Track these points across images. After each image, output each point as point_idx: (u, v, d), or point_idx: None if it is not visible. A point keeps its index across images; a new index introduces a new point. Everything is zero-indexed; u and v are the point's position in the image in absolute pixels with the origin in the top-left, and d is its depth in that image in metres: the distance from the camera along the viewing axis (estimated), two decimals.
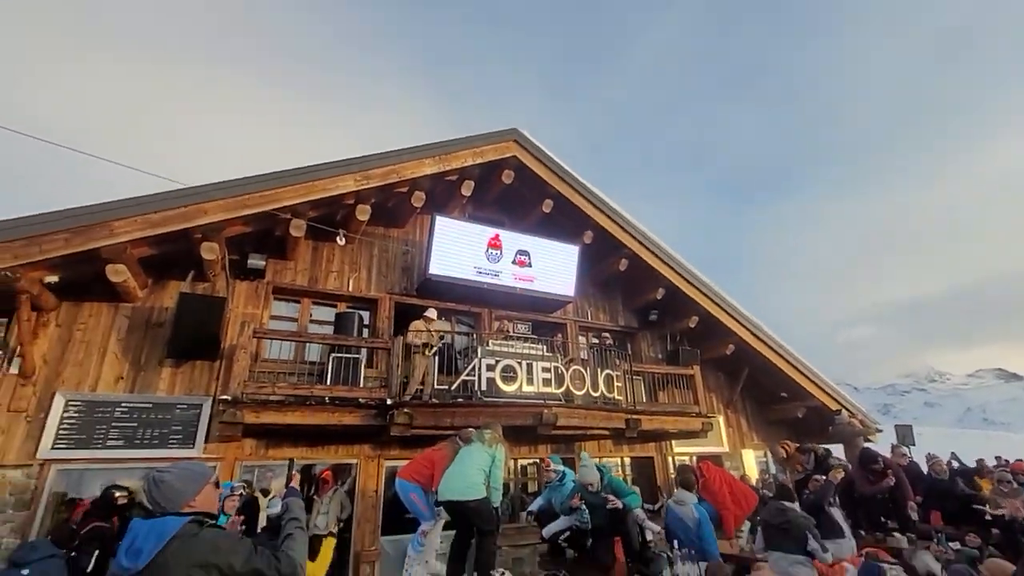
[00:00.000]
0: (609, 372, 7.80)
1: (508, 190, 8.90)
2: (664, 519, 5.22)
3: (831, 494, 5.55)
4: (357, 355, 6.84)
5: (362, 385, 6.63)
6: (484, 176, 8.57)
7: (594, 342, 9.78)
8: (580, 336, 9.80)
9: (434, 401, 6.65)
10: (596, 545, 5.02)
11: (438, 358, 7.20)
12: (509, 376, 6.78)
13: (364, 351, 7.08)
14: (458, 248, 7.97)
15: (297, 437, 6.42)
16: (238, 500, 5.08)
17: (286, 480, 2.50)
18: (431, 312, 7.37)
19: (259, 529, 4.98)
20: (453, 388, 6.81)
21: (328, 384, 6.39)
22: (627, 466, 9.28)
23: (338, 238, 7.34)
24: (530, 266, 8.59)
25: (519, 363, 6.93)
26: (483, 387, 6.63)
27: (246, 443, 6.24)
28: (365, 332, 7.71)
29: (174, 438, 5.96)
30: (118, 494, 4.53)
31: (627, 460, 9.29)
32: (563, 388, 7.12)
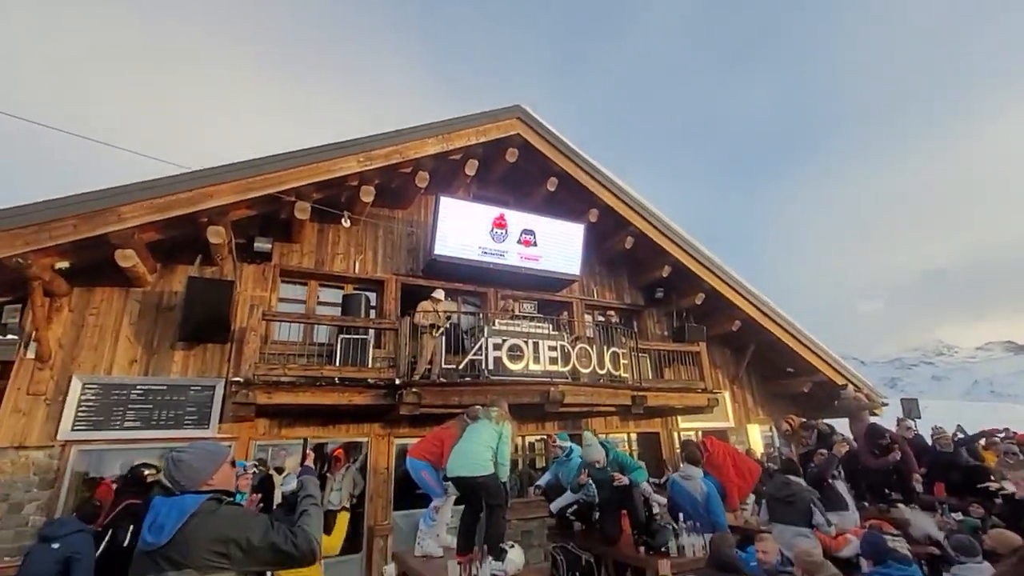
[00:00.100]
0: (615, 350, 7.86)
1: (512, 169, 8.82)
2: (669, 493, 5.31)
3: (834, 467, 5.61)
4: (365, 336, 6.92)
5: (371, 365, 6.73)
6: (488, 155, 8.48)
7: (600, 320, 9.81)
8: (586, 314, 9.82)
9: (442, 380, 6.73)
10: (603, 518, 5.14)
11: (445, 338, 7.26)
12: (516, 355, 6.85)
13: (372, 332, 7.16)
14: (463, 228, 7.96)
15: (309, 417, 6.55)
16: (251, 478, 5.22)
17: (301, 459, 2.56)
18: (439, 293, 7.40)
19: (275, 506, 5.13)
20: (460, 368, 6.89)
21: (337, 365, 6.49)
22: (633, 441, 9.39)
23: (343, 220, 7.34)
24: (535, 245, 8.57)
25: (525, 342, 6.99)
26: (490, 366, 6.71)
27: (259, 423, 6.37)
28: (372, 313, 7.78)
29: (189, 419, 6.10)
30: (147, 472, 4.66)
31: (633, 436, 9.40)
32: (569, 366, 7.19)
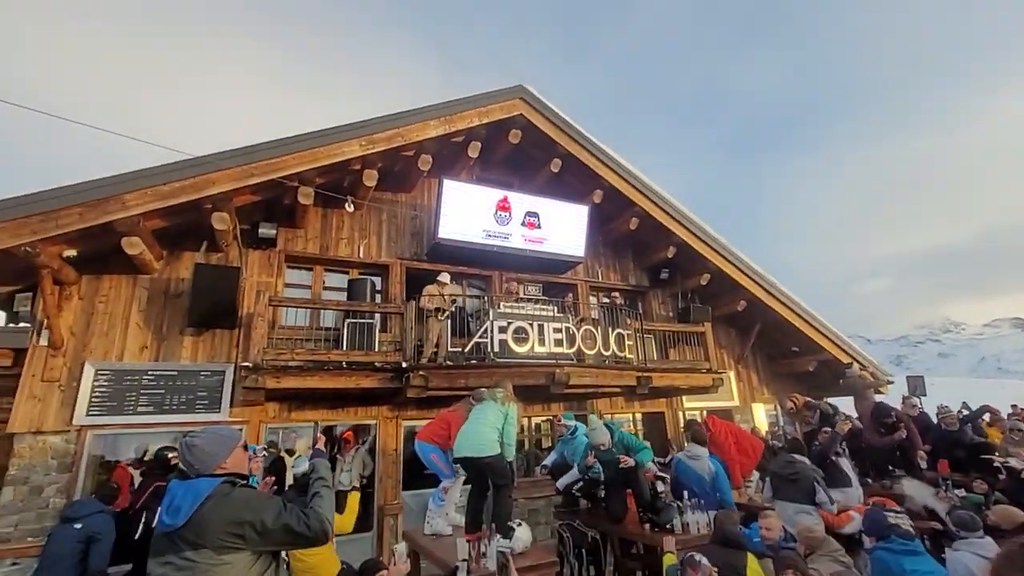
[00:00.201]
0: (620, 331, 7.87)
1: (516, 150, 8.73)
2: (673, 472, 5.37)
3: (836, 445, 5.65)
4: (371, 320, 6.96)
5: (377, 349, 6.78)
6: (491, 137, 8.39)
7: (605, 301, 9.81)
8: (591, 296, 9.83)
9: (448, 364, 6.79)
10: (609, 496, 5.22)
11: (451, 321, 7.29)
12: (521, 337, 6.88)
13: (378, 316, 7.20)
14: (467, 211, 7.92)
15: (317, 400, 6.65)
16: (261, 461, 5.35)
17: (312, 442, 2.61)
18: (444, 276, 7.41)
19: (286, 487, 5.25)
20: (466, 350, 6.94)
21: (344, 349, 6.54)
22: (638, 421, 9.48)
23: (346, 205, 7.31)
24: (539, 227, 8.53)
25: (530, 324, 7.01)
26: (496, 349, 6.75)
27: (269, 407, 6.47)
28: (378, 298, 7.82)
29: (200, 403, 6.20)
30: (171, 455, 4.79)
31: (638, 416, 9.49)
32: (575, 348, 7.22)
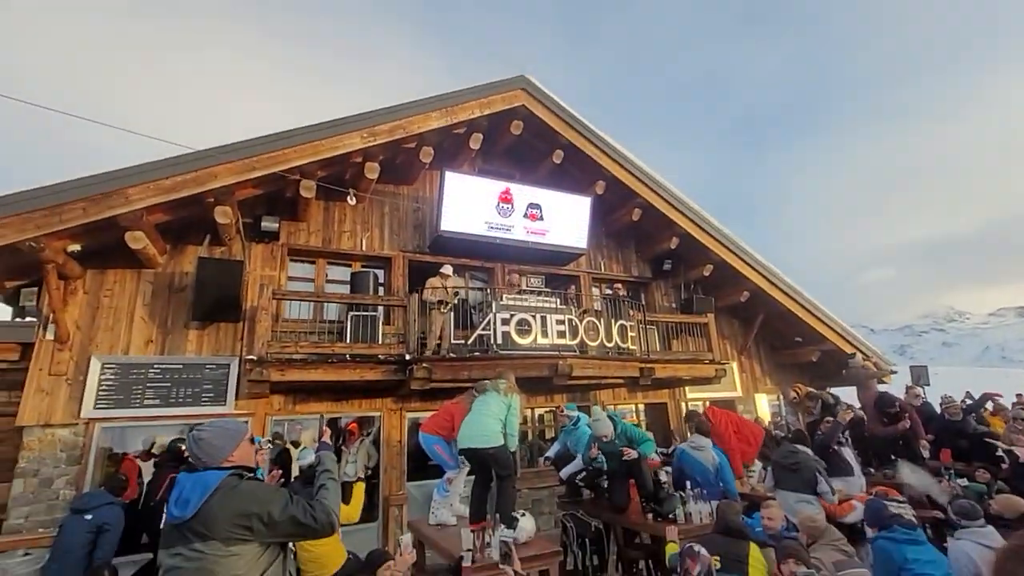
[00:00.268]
0: (623, 322, 7.87)
1: (518, 141, 8.69)
2: (676, 462, 5.40)
3: (838, 434, 5.66)
4: (375, 313, 6.98)
5: (381, 342, 6.81)
6: (492, 128, 8.35)
7: (607, 293, 9.81)
8: (593, 287, 9.82)
9: (451, 356, 6.81)
10: (612, 487, 5.26)
11: (454, 313, 7.31)
12: (524, 329, 6.90)
13: (381, 309, 7.22)
14: (469, 203, 7.90)
15: (322, 392, 6.69)
16: (266, 453, 5.40)
17: (318, 434, 2.63)
18: (447, 268, 7.42)
19: (292, 478, 5.31)
20: (469, 343, 6.95)
21: (348, 342, 6.57)
22: (641, 412, 9.52)
23: (348, 198, 7.31)
24: (542, 219, 8.51)
25: (533, 316, 7.02)
26: (499, 341, 6.76)
27: (274, 399, 6.52)
28: (380, 290, 7.83)
29: (206, 396, 6.25)
30: (184, 447, 4.86)
31: (641, 407, 9.52)
32: (577, 339, 7.24)
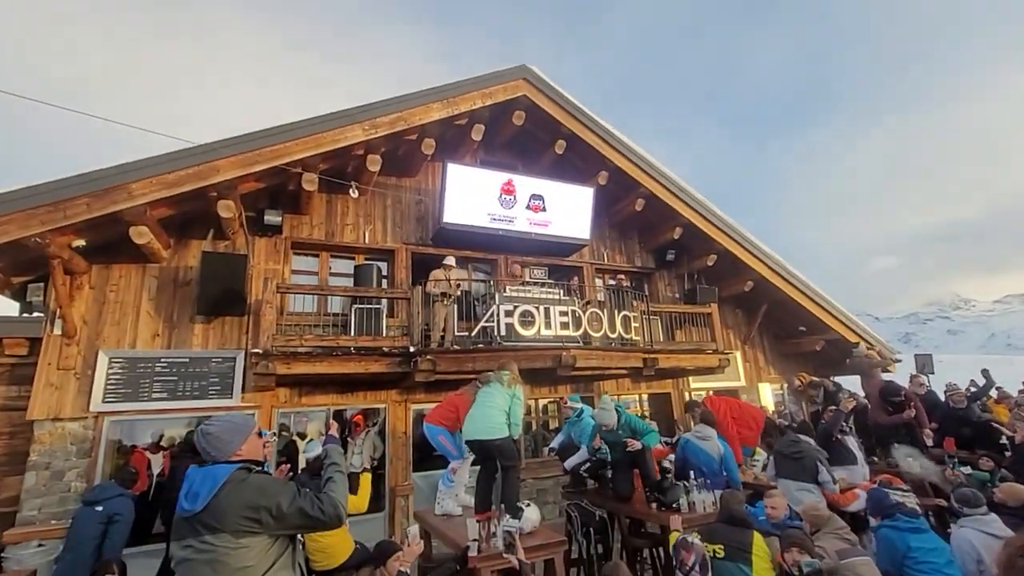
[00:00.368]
0: (626, 313, 7.88)
1: (519, 132, 8.65)
2: (680, 452, 5.42)
3: (840, 422, 5.67)
4: (379, 306, 7.01)
5: (385, 334, 6.84)
6: (494, 119, 8.30)
7: (611, 284, 9.80)
8: (597, 278, 9.82)
9: (455, 348, 6.83)
10: (616, 477, 5.29)
11: (457, 305, 7.32)
12: (527, 321, 6.91)
13: (385, 301, 7.24)
14: (471, 195, 7.89)
15: (327, 385, 6.74)
16: (272, 445, 5.46)
17: (325, 427, 2.66)
18: (450, 260, 7.42)
19: (299, 470, 5.37)
20: (473, 334, 6.97)
21: (353, 334, 6.60)
22: (645, 402, 9.56)
23: (351, 190, 7.30)
24: (544, 210, 8.48)
25: (536, 308, 7.03)
26: (502, 332, 6.79)
27: (280, 392, 6.57)
28: (384, 283, 7.85)
29: (213, 389, 6.30)
30: None
31: (645, 397, 9.55)
32: (581, 330, 7.25)
